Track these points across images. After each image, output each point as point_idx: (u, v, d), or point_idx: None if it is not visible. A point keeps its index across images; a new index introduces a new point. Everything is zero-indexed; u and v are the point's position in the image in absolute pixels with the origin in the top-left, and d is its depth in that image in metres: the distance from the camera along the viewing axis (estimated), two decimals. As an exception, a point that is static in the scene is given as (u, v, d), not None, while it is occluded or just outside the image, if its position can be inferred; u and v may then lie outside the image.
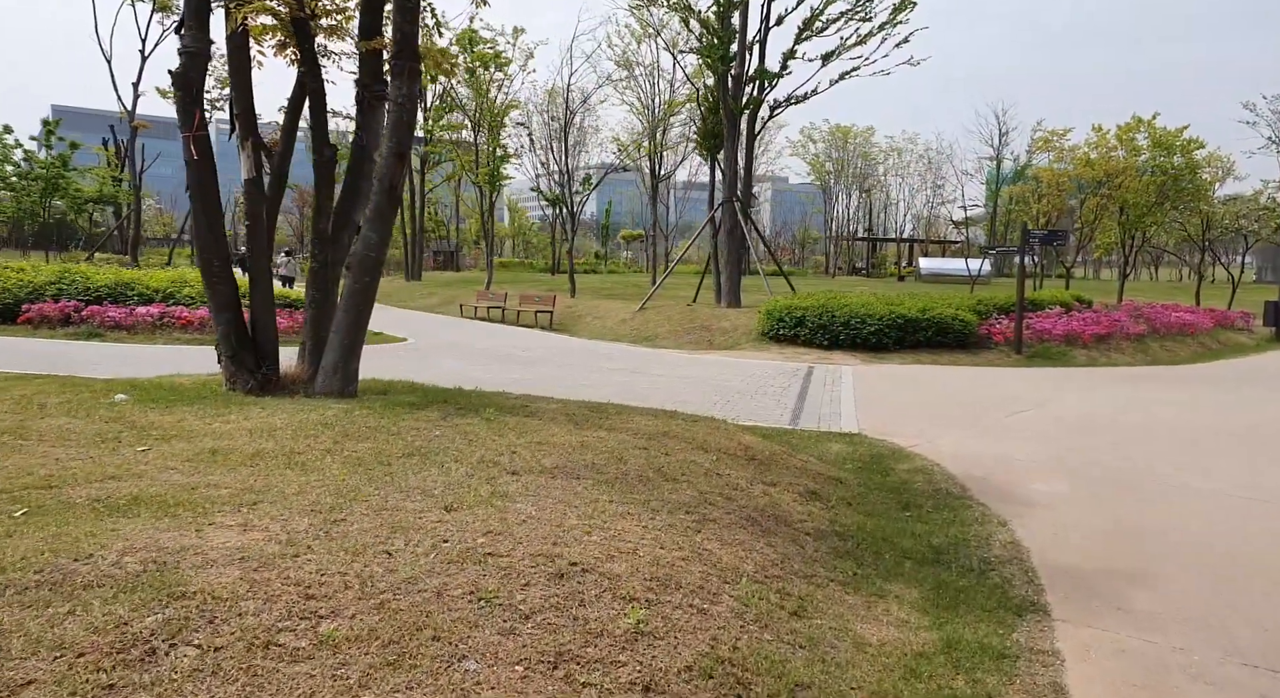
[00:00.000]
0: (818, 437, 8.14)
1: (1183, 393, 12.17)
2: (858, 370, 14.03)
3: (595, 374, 12.37)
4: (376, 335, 17.78)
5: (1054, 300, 20.31)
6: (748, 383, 11.95)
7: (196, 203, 6.13)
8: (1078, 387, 12.55)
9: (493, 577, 3.10)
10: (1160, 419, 9.77)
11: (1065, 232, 17.32)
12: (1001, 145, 56.40)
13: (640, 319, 20.57)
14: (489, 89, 27.08)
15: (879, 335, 16.17)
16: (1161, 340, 18.94)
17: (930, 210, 66.20)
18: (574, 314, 22.27)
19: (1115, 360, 16.65)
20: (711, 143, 21.35)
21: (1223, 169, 29.43)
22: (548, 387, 10.34)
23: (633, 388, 10.98)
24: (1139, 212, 26.94)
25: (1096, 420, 9.59)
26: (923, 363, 15.39)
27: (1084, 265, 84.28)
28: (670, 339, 18.83)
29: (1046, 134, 30.38)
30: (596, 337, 19.70)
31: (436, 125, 31.94)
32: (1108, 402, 11.05)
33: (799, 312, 17.05)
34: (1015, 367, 15.37)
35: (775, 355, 16.00)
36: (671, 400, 9.74)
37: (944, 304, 17.27)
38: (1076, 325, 17.56)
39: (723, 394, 10.75)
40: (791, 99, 21.11)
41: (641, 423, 6.48)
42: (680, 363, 14.54)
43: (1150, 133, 27.07)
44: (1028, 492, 6.50)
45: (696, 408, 9.29)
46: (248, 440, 4.57)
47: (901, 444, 8.02)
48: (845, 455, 7.38)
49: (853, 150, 62.23)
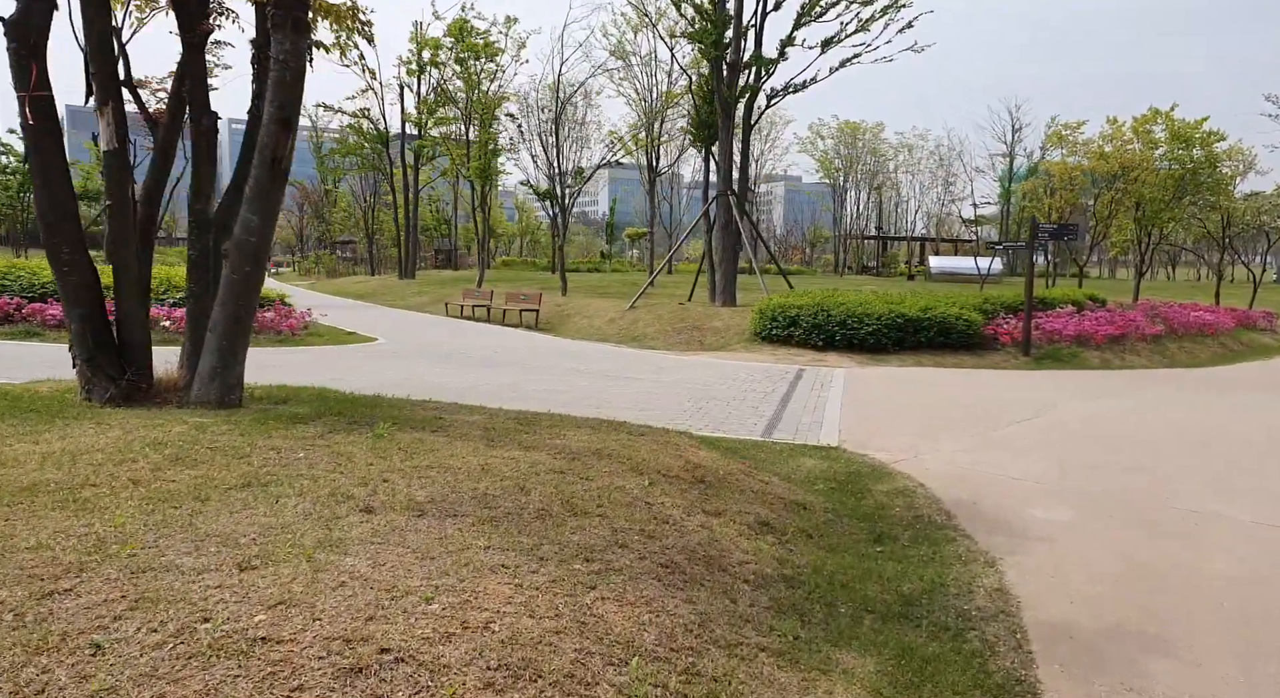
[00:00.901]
0: (790, 451, 7.22)
1: (1203, 399, 11.16)
2: (852, 373, 13.08)
3: (563, 378, 11.48)
4: (350, 335, 17.01)
5: (1065, 299, 19.26)
6: (728, 387, 11.04)
7: (37, 177, 5.28)
8: (1089, 391, 11.57)
9: (246, 680, 2.21)
10: (1179, 429, 8.78)
11: (1075, 225, 16.28)
12: (1015, 142, 55.17)
13: (629, 319, 19.68)
14: (479, 80, 26.25)
15: (877, 336, 15.22)
16: (1180, 341, 17.87)
17: (942, 208, 64.93)
18: (563, 313, 21.41)
19: (1130, 363, 15.62)
20: (706, 134, 20.43)
21: (1244, 163, 28.21)
22: (502, 393, 9.48)
23: (599, 394, 10.09)
24: (1156, 207, 25.80)
25: (1108, 430, 8.61)
26: (923, 365, 14.43)
27: (1099, 265, 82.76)
28: (659, 339, 17.93)
29: (1059, 127, 29.25)
30: (582, 337, 18.83)
31: (431, 119, 31.16)
32: (1121, 408, 10.07)
33: (793, 311, 16.11)
34: (1022, 369, 14.37)
35: (766, 357, 15.08)
36: (636, 408, 8.86)
37: (947, 303, 16.28)
38: (1089, 326, 16.53)
39: (697, 401, 9.84)
40: (790, 88, 20.16)
41: (574, 439, 5.58)
42: (662, 365, 13.64)
43: (1168, 125, 25.93)
44: (1024, 519, 5.57)
45: (664, 416, 8.41)
46: (36, 467, 3.71)
47: (884, 459, 7.09)
48: (817, 474, 6.46)
49: (862, 147, 61.07)
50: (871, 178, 63.64)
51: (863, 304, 15.84)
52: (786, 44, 19.49)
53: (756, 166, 60.54)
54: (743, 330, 17.39)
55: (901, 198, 68.37)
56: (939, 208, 65.76)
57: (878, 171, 63.44)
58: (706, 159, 21.92)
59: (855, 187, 64.55)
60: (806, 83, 19.99)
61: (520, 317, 20.37)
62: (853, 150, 60.67)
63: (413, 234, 33.48)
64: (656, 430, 6.62)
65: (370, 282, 35.29)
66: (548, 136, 25.96)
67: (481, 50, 25.07)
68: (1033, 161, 51.24)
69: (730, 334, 17.62)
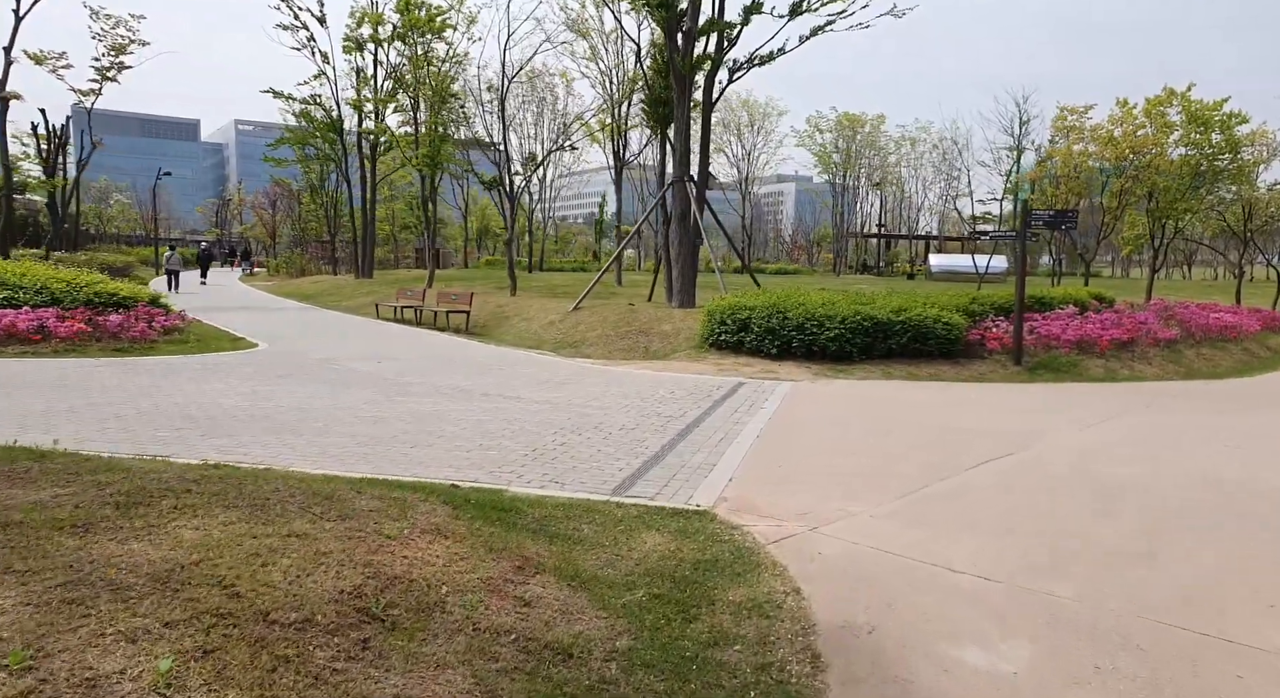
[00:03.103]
0: (636, 519, 4.95)
1: (1235, 426, 8.80)
2: (799, 389, 10.80)
3: (425, 399, 9.24)
4: (237, 341, 14.84)
5: (1067, 299, 16.88)
6: (628, 411, 8.78)
7: None
8: (1087, 412, 9.24)
9: None
10: (1210, 480, 6.45)
11: (1075, 212, 13.95)
12: (1023, 135, 52.49)
13: (571, 321, 17.44)
14: (426, 60, 24.04)
15: (840, 342, 12.92)
16: (1197, 347, 15.47)
17: (945, 204, 62.28)
18: (502, 315, 19.18)
19: (1139, 373, 13.26)
20: (661, 112, 18.15)
21: (1269, 148, 25.67)
22: (307, 423, 7.27)
23: (447, 423, 7.85)
24: (1170, 197, 23.34)
25: (1107, 479, 6.30)
26: (892, 377, 12.13)
27: (1111, 264, 79.79)
28: (599, 345, 15.69)
29: (1064, 111, 26.76)
30: (515, 342, 16.60)
31: (386, 107, 29.01)
32: (1128, 441, 7.74)
33: (744, 313, 13.83)
34: (1010, 382, 12.05)
35: (709, 367, 12.81)
36: (475, 445, 6.69)
37: (925, 304, 13.95)
38: (1092, 329, 14.17)
39: (569, 432, 7.59)
40: (755, 59, 17.85)
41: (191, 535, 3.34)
42: (579, 378, 11.39)
43: (1184, 106, 23.42)
44: (947, 674, 3.29)
45: (500, 459, 6.21)
46: None
47: (766, 533, 4.81)
48: (649, 565, 4.19)
49: (861, 141, 58.55)
50: (871, 173, 61.06)
51: (825, 305, 13.54)
52: (752, 11, 17.20)
53: (749, 162, 58.21)
54: (693, 335, 15.14)
55: (905, 194, 65.74)
56: (942, 204, 63.11)
57: (877, 166, 60.85)
58: (662, 142, 19.64)
59: (855, 182, 62.01)
60: (773, 54, 17.69)
61: (447, 319, 18.16)
62: (852, 144, 58.11)
63: (370, 231, 31.30)
64: (395, 499, 4.36)
65: (326, 281, 33.17)
66: (493, 119, 23.73)
67: (426, 25, 22.90)
68: (1041, 155, 48.67)
69: (679, 340, 15.37)
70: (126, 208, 62.40)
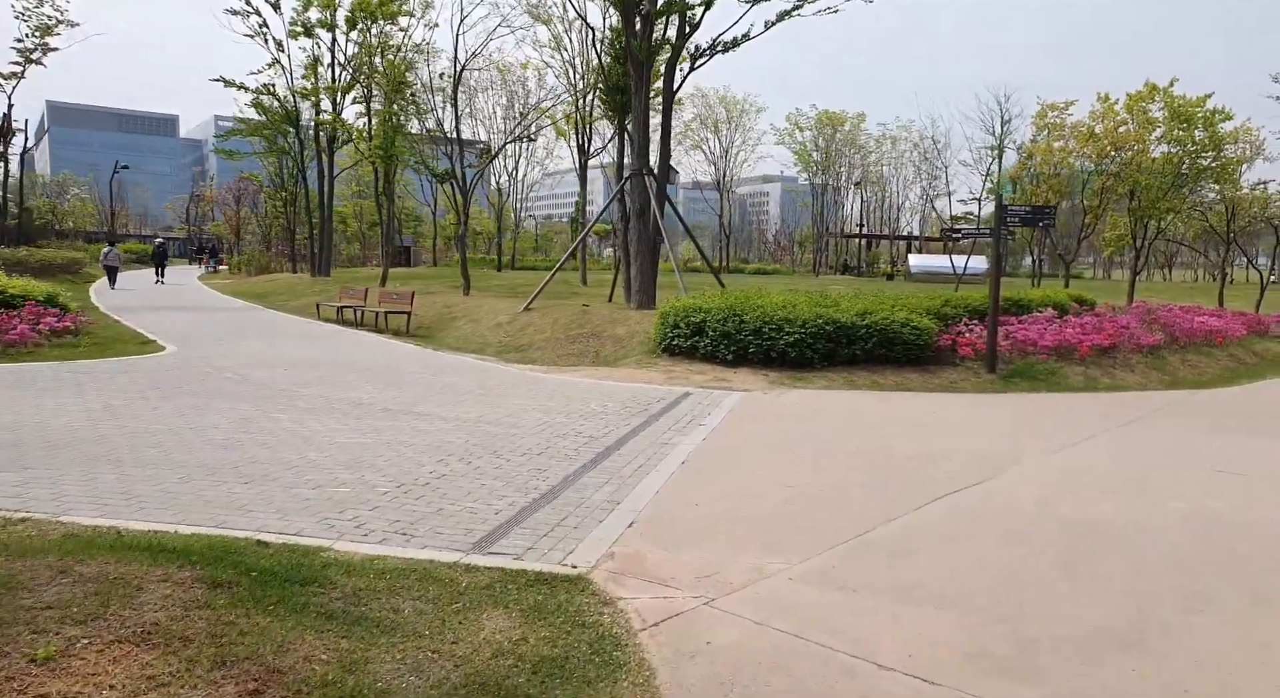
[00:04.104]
0: (486, 588, 3.85)
1: (1233, 447, 7.80)
2: (749, 401, 9.73)
3: (318, 418, 8.10)
4: (145, 344, 13.61)
5: (1046, 301, 15.93)
6: (547, 431, 7.68)
7: None
8: (1064, 430, 8.23)
9: None
10: (1207, 518, 5.42)
11: (1053, 208, 12.97)
12: (1004, 134, 51.80)
13: (520, 323, 16.32)
14: (380, 48, 22.82)
15: (800, 348, 11.87)
16: (1182, 352, 14.55)
17: (926, 204, 61.54)
18: (449, 316, 18.02)
19: (1122, 381, 12.30)
20: (619, 100, 17.05)
21: (1252, 146, 24.89)
22: (167, 445, 6.13)
23: (332, 445, 6.72)
24: (1152, 196, 22.50)
25: (1083, 522, 5.26)
26: (855, 387, 11.10)
27: (1093, 265, 79.42)
28: (547, 349, 14.59)
29: (1044, 106, 25.89)
30: (456, 345, 15.46)
31: (342, 97, 27.72)
32: (1108, 467, 6.72)
33: (698, 316, 12.76)
34: (982, 392, 11.05)
35: (657, 375, 11.73)
36: (350, 473, 5.62)
37: (894, 306, 12.93)
38: (1071, 334, 13.20)
39: (469, 457, 6.48)
40: (718, 46, 16.80)
41: None
42: (508, 389, 10.27)
43: (1166, 102, 22.58)
44: None
45: (369, 489, 5.15)
46: None
47: (646, 612, 3.72)
48: (478, 668, 3.09)
49: (842, 139, 57.64)
50: (852, 171, 60.20)
51: (784, 308, 12.49)
52: (713, -6, 16.14)
53: (728, 159, 57.21)
54: (647, 339, 14.07)
55: (885, 194, 64.89)
56: (922, 204, 62.36)
57: (859, 165, 60.00)
58: (620, 132, 18.56)
59: (836, 181, 61.13)
60: (738, 40, 16.64)
61: (386, 320, 16.97)
62: (832, 143, 57.15)
63: (327, 227, 29.95)
64: (115, 580, 3.24)
65: (282, 280, 31.83)
66: (445, 107, 22.48)
67: (378, 9, 21.66)
68: (1022, 154, 47.99)
69: (632, 344, 14.30)
70: (85, 202, 60.46)
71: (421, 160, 22.45)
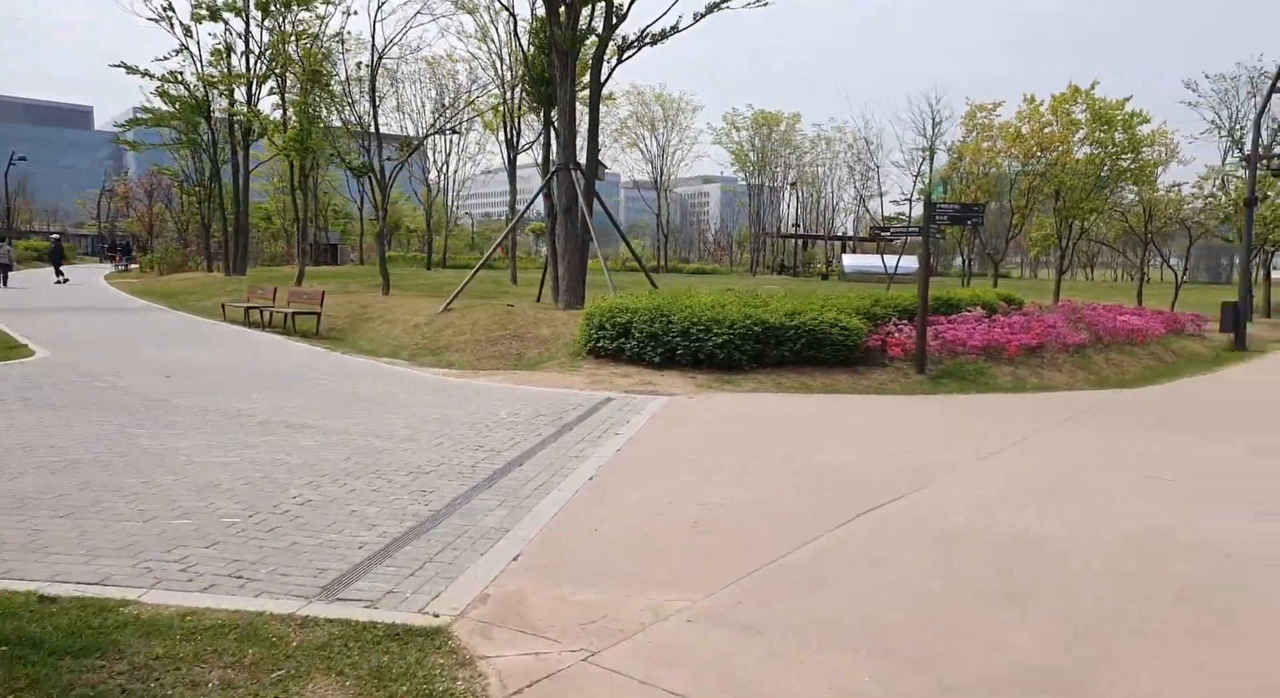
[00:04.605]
0: (321, 649, 3.20)
1: (1157, 446, 7.58)
2: (673, 407, 9.20)
3: (182, 433, 7.25)
4: (14, 349, 12.39)
5: (974, 300, 15.85)
6: (445, 444, 7.00)
7: None
8: (994, 433, 7.92)
9: None
10: (1143, 530, 5.08)
11: (982, 206, 12.84)
12: (935, 136, 52.70)
13: (439, 324, 15.50)
14: (291, 34, 21.63)
15: (728, 349, 11.41)
16: (1106, 352, 14.62)
17: (860, 205, 62.30)
18: (363, 317, 17.07)
19: (1049, 381, 12.20)
20: (543, 91, 16.36)
21: (1168, 149, 25.62)
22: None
23: (186, 466, 5.92)
24: (1076, 196, 22.90)
25: (1013, 539, 4.85)
26: (784, 389, 10.68)
27: (1020, 265, 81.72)
28: (466, 352, 13.82)
29: (973, 107, 26.16)
30: (369, 348, 14.57)
31: (258, 87, 26.30)
32: (1039, 474, 6.38)
33: (625, 317, 12.18)
34: (911, 394, 10.75)
35: (580, 379, 11.13)
36: (196, 499, 4.84)
37: (822, 306, 12.59)
38: (1000, 334, 13.07)
39: (344, 478, 5.77)
40: (646, 37, 16.26)
41: None
42: (414, 396, 9.52)
43: (1089, 104, 23.02)
44: None
45: (212, 520, 4.41)
46: None
47: (512, 675, 3.10)
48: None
49: (777, 139, 57.88)
50: (787, 172, 60.54)
51: (713, 308, 12.01)
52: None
53: (665, 158, 56.91)
54: (572, 341, 13.43)
55: (821, 194, 65.49)
56: (856, 205, 63.12)
57: (794, 165, 60.38)
58: (546, 126, 17.88)
59: (772, 181, 61.41)
60: (665, 32, 16.13)
61: (293, 321, 15.96)
62: (768, 143, 57.33)
63: (242, 223, 28.43)
64: None
65: (194, 279, 30.13)
66: (362, 97, 21.34)
67: (289, -7, 20.52)
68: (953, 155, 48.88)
69: (557, 346, 13.65)
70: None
71: (338, 154, 21.33)
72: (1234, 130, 29.13)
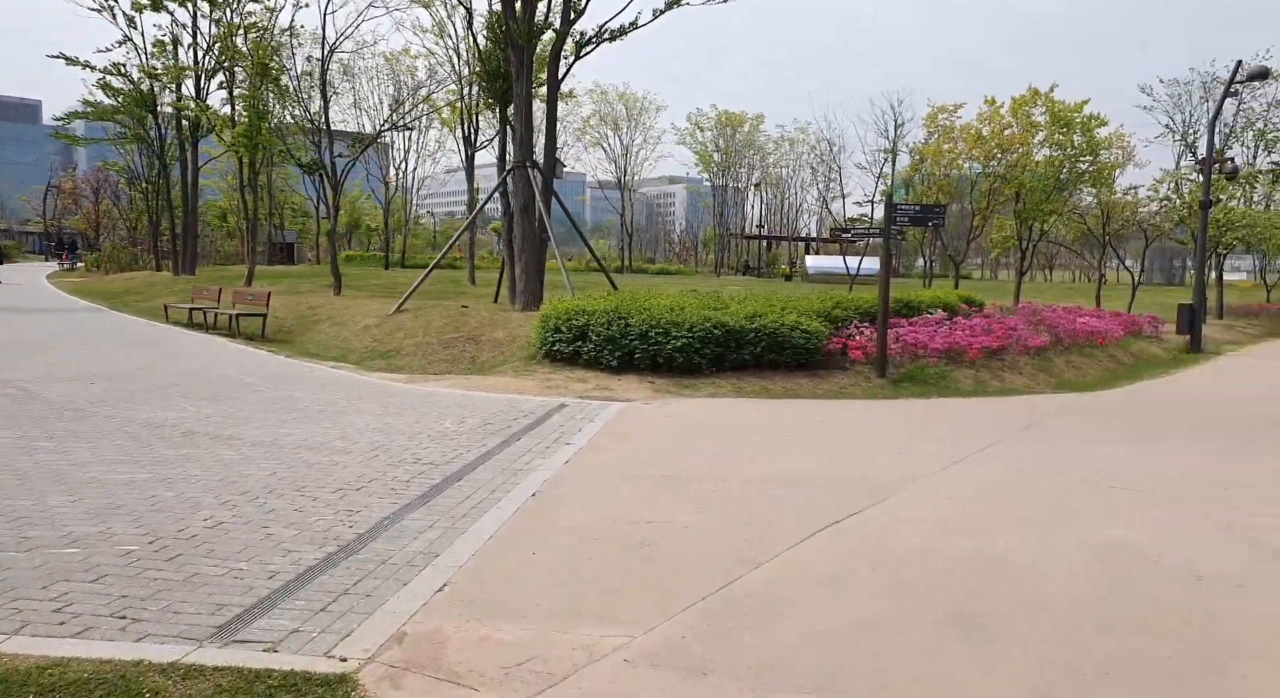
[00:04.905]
0: (228, 691, 2.79)
1: (1124, 456, 7.43)
2: (627, 414, 8.86)
3: (91, 445, 6.72)
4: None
5: (936, 302, 15.75)
6: (381, 456, 6.57)
7: None
8: (955, 440, 7.70)
9: None
10: (1114, 552, 4.86)
11: (943, 207, 12.69)
12: (898, 138, 53.05)
13: (390, 326, 14.98)
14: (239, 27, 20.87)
15: (688, 353, 11.10)
16: (1066, 354, 14.60)
17: (824, 207, 62.53)
18: (313, 318, 16.46)
19: (1010, 384, 12.09)
20: (499, 87, 15.91)
21: (1124, 152, 25.94)
22: None
23: (85, 486, 5.43)
24: (1036, 198, 23.02)
25: (977, 564, 4.59)
26: (743, 394, 10.40)
27: (981, 266, 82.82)
28: (417, 356, 13.34)
29: (934, 109, 26.23)
30: (316, 351, 14.02)
31: (208, 80, 25.40)
32: (1003, 487, 6.15)
33: (582, 319, 11.81)
34: (872, 398, 10.54)
35: (534, 384, 10.74)
36: (90, 524, 4.35)
37: (784, 308, 12.35)
38: (961, 337, 12.94)
39: (263, 496, 5.32)
40: (604, 33, 15.91)
41: None
42: (354, 403, 9.05)
43: (1048, 106, 23.15)
44: None
45: (103, 549, 4.01)
46: None
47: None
48: None
49: (741, 140, 57.85)
50: (751, 173, 60.57)
51: (672, 311, 11.69)
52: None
53: (629, 157, 56.57)
54: (528, 344, 13.02)
55: (785, 195, 65.65)
56: (819, 206, 63.36)
57: (758, 166, 60.42)
58: (503, 123, 17.41)
59: (736, 182, 61.39)
60: (625, 28, 15.79)
61: (236, 323, 15.32)
62: (732, 143, 57.27)
63: (191, 220, 27.45)
64: None
65: (140, 278, 29.08)
66: (314, 93, 20.60)
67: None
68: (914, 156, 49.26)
69: (513, 349, 13.23)
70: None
71: (287, 150, 20.59)
72: (1187, 135, 29.63)
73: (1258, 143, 29.14)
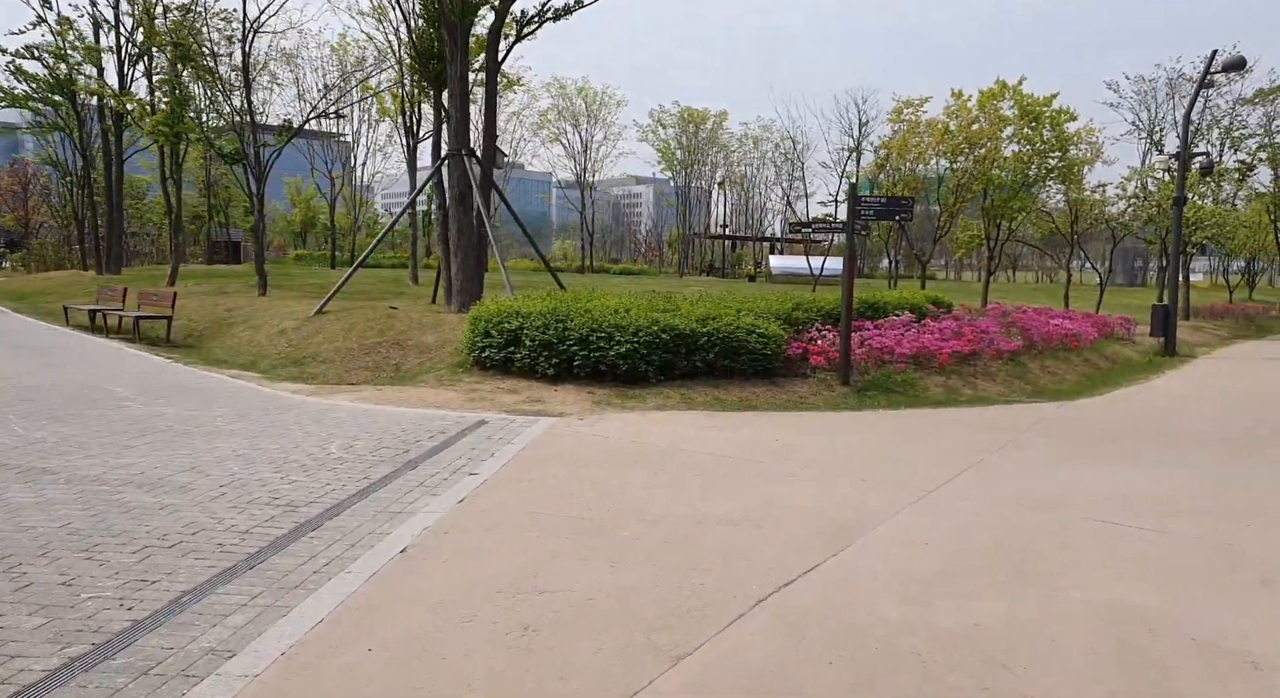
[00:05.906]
0: None
1: (1120, 482, 6.39)
2: (555, 432, 7.66)
3: None
4: None
5: (903, 304, 14.76)
6: (229, 495, 5.30)
7: None
8: (925, 465, 6.62)
9: None
10: (1122, 617, 3.77)
11: (910, 200, 11.67)
12: (862, 136, 52.48)
13: (309, 329, 13.61)
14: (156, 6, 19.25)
15: (633, 359, 9.96)
16: (1040, 358, 13.72)
17: (788, 206, 61.86)
18: (229, 321, 15.00)
19: (984, 392, 11.12)
20: (433, 69, 14.60)
21: (1094, 149, 25.33)
22: None
23: None
24: (1004, 195, 22.28)
25: (970, 633, 3.47)
26: (692, 406, 9.26)
27: (945, 267, 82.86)
28: (334, 363, 12.02)
29: (901, 104, 25.38)
30: (224, 358, 12.61)
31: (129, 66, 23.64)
32: (982, 529, 5.06)
33: (515, 322, 10.60)
34: (835, 410, 9.46)
35: (457, 395, 9.51)
36: None
37: (739, 310, 11.25)
38: (930, 341, 11.94)
39: (35, 561, 4.03)
40: (546, 12, 14.68)
41: None
42: (238, 420, 7.72)
43: (1017, 100, 22.40)
44: None
45: None
46: None
47: None
48: None
49: (704, 138, 56.89)
50: (715, 171, 59.66)
51: (617, 313, 10.51)
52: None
53: (590, 155, 55.32)
54: (458, 348, 11.77)
55: (749, 195, 64.84)
56: (784, 206, 62.68)
57: (722, 164, 59.53)
58: (438, 108, 16.10)
59: (700, 181, 60.43)
60: (570, 6, 14.59)
61: (136, 327, 13.82)
62: (695, 141, 56.26)
63: (116, 216, 25.61)
64: None
65: (59, 278, 27.19)
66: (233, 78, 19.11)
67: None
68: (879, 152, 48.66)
69: (441, 355, 11.97)
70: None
71: (206, 138, 19.03)
72: (1154, 132, 29.20)
73: (1223, 141, 28.81)
